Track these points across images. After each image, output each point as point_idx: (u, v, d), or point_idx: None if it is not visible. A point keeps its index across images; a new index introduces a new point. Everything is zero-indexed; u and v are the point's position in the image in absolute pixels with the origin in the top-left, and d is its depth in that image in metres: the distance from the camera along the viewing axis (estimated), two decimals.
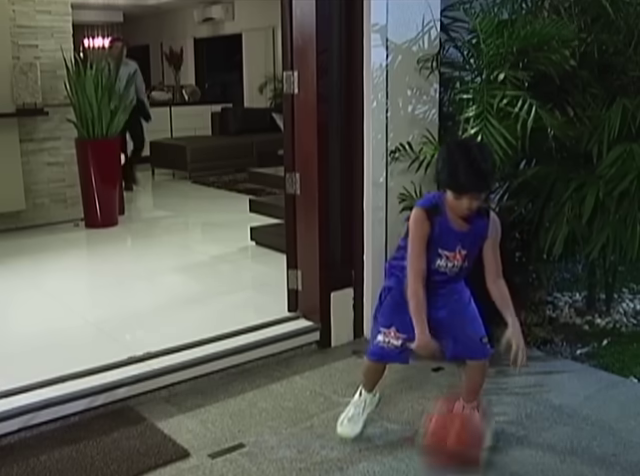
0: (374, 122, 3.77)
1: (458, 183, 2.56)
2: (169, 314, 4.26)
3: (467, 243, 2.68)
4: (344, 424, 2.95)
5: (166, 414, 3.16)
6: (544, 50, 3.58)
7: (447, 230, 2.65)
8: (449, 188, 2.60)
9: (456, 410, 2.85)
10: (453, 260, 2.69)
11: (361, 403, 2.99)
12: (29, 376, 3.24)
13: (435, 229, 2.64)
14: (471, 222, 2.66)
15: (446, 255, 2.68)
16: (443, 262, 2.69)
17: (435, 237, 2.65)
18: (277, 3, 3.86)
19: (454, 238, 2.66)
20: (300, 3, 3.68)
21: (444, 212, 2.65)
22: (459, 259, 2.69)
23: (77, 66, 6.56)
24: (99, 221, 6.68)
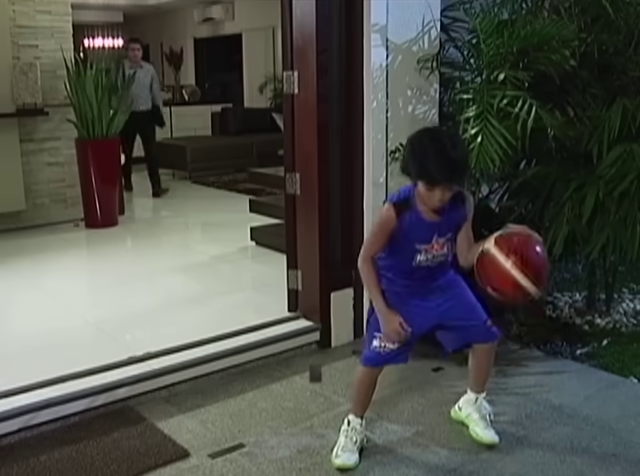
0: (374, 122, 3.77)
1: (429, 174, 2.49)
2: (169, 314, 4.26)
3: (443, 230, 2.65)
4: (340, 455, 2.77)
5: (166, 414, 3.17)
6: (544, 50, 3.58)
7: (418, 223, 2.61)
8: (419, 179, 2.54)
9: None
10: (432, 251, 2.66)
11: (352, 432, 2.84)
12: (29, 376, 3.24)
13: (404, 224, 2.60)
14: (444, 211, 2.62)
15: (424, 248, 2.64)
16: (423, 256, 2.66)
17: (406, 231, 2.61)
18: (277, 3, 3.86)
19: (427, 229, 2.63)
20: (300, 3, 3.68)
21: (414, 205, 2.60)
22: (438, 248, 2.66)
23: (77, 66, 6.57)
24: (99, 221, 6.68)
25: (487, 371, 2.96)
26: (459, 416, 3.03)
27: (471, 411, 2.96)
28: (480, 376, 2.96)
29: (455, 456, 2.83)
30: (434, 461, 2.80)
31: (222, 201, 8.40)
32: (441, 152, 2.48)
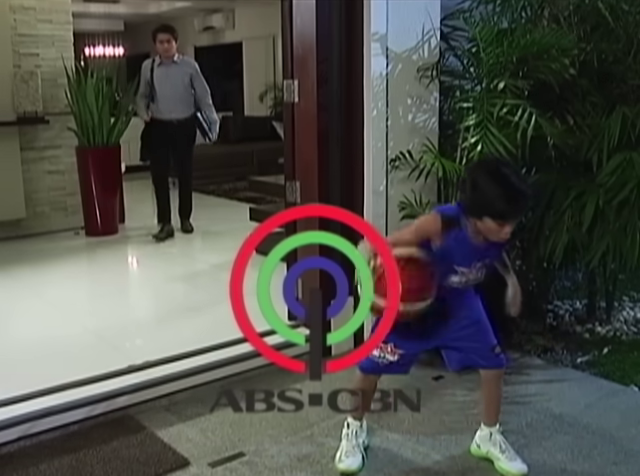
0: (374, 130, 3.77)
1: (503, 211, 2.42)
2: (169, 322, 4.26)
3: (487, 258, 2.60)
4: (343, 460, 2.80)
5: (166, 423, 3.16)
6: (544, 59, 3.59)
7: (464, 243, 2.52)
8: (489, 217, 2.44)
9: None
10: (468, 275, 2.60)
11: (352, 434, 2.86)
12: (29, 384, 3.24)
13: (449, 241, 2.51)
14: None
15: (462, 271, 2.58)
16: (457, 278, 2.59)
17: (446, 249, 2.52)
18: (277, 12, 3.88)
19: (472, 253, 2.55)
20: (300, 12, 3.70)
21: (463, 227, 2.52)
22: (474, 273, 2.60)
23: (78, 75, 6.58)
24: (99, 229, 6.69)
25: (497, 402, 2.86)
26: (480, 453, 2.88)
27: (490, 447, 2.85)
28: (490, 407, 2.86)
29: (455, 465, 2.83)
30: (435, 470, 2.80)
31: (222, 209, 8.40)
32: (513, 188, 2.43)
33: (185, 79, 6.38)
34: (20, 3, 6.52)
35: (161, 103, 6.36)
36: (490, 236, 2.50)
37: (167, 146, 6.46)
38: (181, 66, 6.42)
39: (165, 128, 6.36)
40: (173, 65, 6.38)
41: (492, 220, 2.43)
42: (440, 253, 2.53)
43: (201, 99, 6.49)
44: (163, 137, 6.36)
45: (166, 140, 6.39)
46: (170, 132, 6.36)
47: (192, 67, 6.47)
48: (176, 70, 6.38)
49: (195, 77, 6.43)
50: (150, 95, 6.38)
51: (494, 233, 2.47)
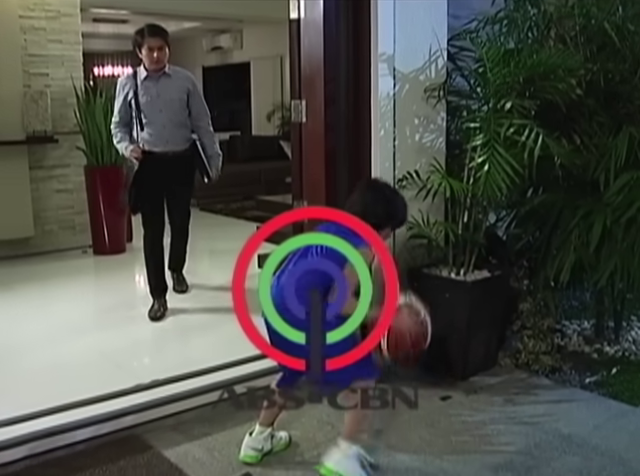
0: (382, 150, 3.79)
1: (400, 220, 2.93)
2: (177, 341, 4.26)
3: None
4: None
5: (173, 442, 3.15)
6: (550, 79, 3.61)
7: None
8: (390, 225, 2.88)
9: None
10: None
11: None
12: (36, 403, 3.23)
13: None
14: None
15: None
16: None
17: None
18: (285, 32, 3.91)
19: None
20: (308, 33, 3.73)
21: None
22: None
23: (87, 94, 6.63)
24: (107, 248, 6.71)
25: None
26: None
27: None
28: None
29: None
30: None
31: (230, 228, 8.41)
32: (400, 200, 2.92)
33: (182, 96, 4.75)
34: (31, 24, 6.58)
35: (152, 130, 4.68)
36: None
37: (161, 190, 4.79)
38: (175, 80, 4.76)
39: (157, 165, 4.66)
40: (165, 79, 4.71)
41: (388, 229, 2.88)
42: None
43: (198, 124, 4.87)
44: (155, 178, 4.66)
45: (160, 182, 4.72)
46: (165, 170, 4.69)
47: (189, 80, 4.85)
48: (169, 85, 4.72)
49: (192, 94, 4.81)
50: (136, 121, 4.69)
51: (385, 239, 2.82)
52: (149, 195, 4.67)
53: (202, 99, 4.94)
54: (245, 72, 12.79)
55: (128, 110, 4.72)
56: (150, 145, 4.69)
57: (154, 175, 4.65)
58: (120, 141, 4.76)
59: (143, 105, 4.68)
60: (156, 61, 4.64)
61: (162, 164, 4.70)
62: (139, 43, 4.66)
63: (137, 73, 4.75)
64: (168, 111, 4.71)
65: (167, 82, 4.73)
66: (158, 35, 4.67)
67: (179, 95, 4.75)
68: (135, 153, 4.65)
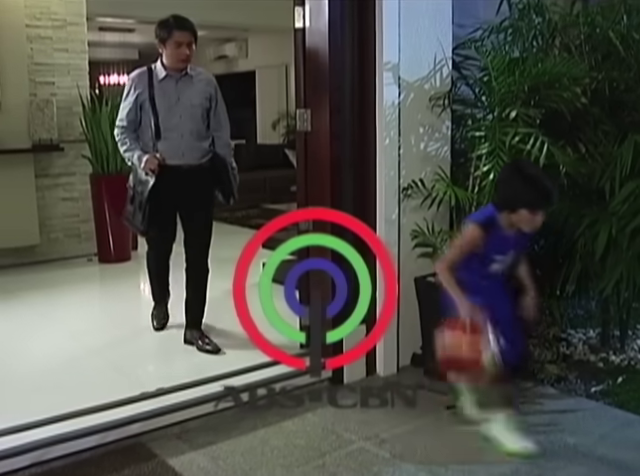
0: (387, 159, 3.79)
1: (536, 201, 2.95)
2: (181, 350, 4.26)
3: (519, 246, 3.11)
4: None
5: (178, 451, 3.15)
6: (555, 88, 3.62)
7: (502, 239, 3.03)
8: (524, 208, 2.93)
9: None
10: (504, 262, 3.09)
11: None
12: (41, 411, 3.23)
13: (490, 240, 3.00)
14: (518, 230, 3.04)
15: (500, 259, 3.07)
16: (497, 265, 3.09)
17: (490, 247, 3.02)
18: (290, 41, 3.91)
19: (508, 244, 3.05)
20: (313, 42, 3.74)
21: (498, 224, 3.01)
22: (508, 260, 3.10)
23: (93, 103, 6.65)
24: (112, 256, 6.71)
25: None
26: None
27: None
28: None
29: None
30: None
31: (234, 237, 8.35)
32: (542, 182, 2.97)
33: (204, 102, 4.12)
34: (37, 33, 6.60)
35: (167, 140, 4.05)
36: (524, 226, 2.99)
37: (171, 208, 4.21)
38: (197, 82, 4.13)
39: (172, 180, 4.05)
40: (186, 80, 4.09)
41: (527, 211, 2.93)
42: (484, 251, 3.03)
43: (218, 135, 4.24)
44: (169, 194, 4.09)
45: (171, 200, 4.14)
46: (179, 186, 4.10)
47: (212, 84, 4.19)
48: (191, 88, 4.10)
49: (215, 100, 4.19)
50: (152, 127, 4.04)
51: (528, 222, 2.97)
52: (160, 214, 4.11)
53: (224, 107, 4.28)
54: (250, 81, 12.83)
55: (138, 114, 4.08)
56: (165, 156, 4.03)
57: (166, 192, 4.05)
58: (129, 149, 4.07)
59: (159, 108, 4.03)
60: (184, 59, 4.02)
61: (175, 180, 4.05)
62: (164, 37, 4.01)
63: (152, 71, 4.09)
64: (188, 118, 4.06)
65: (188, 84, 4.09)
66: (188, 29, 4.03)
67: (201, 101, 4.12)
68: (152, 165, 3.96)
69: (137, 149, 4.06)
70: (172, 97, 4.06)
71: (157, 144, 4.05)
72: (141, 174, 4.05)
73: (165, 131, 4.04)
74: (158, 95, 4.03)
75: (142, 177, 4.05)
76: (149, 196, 4.01)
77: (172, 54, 4.01)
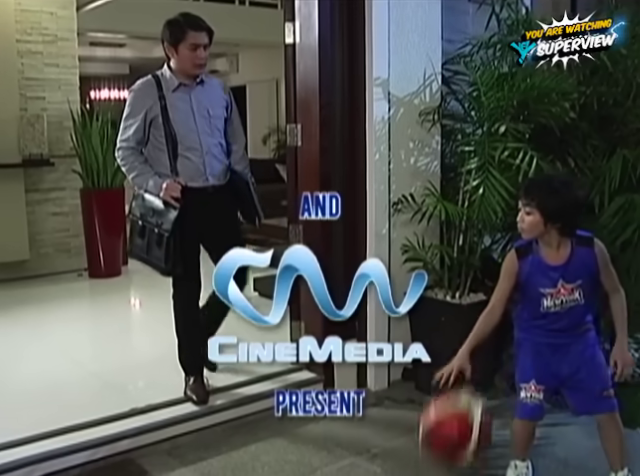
0: (377, 174, 3.80)
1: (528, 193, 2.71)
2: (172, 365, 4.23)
3: (570, 276, 2.65)
4: None
5: (168, 467, 3.13)
6: (544, 103, 3.63)
7: (541, 266, 2.66)
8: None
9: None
10: (560, 296, 2.66)
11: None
12: (30, 427, 3.22)
13: (526, 268, 2.68)
14: (570, 253, 2.66)
15: (549, 293, 2.67)
16: (550, 302, 2.68)
17: (527, 277, 2.69)
18: (281, 56, 3.93)
19: (551, 273, 2.66)
20: (304, 57, 3.76)
21: (536, 250, 2.68)
22: (565, 293, 2.66)
23: (83, 118, 6.65)
24: (103, 271, 6.69)
25: (615, 445, 2.84)
26: None
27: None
28: (610, 452, 2.85)
29: None
30: None
31: None
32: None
33: (223, 112, 3.66)
34: (28, 48, 6.61)
35: (187, 159, 3.51)
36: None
37: (198, 240, 3.58)
38: (210, 90, 3.64)
39: (195, 206, 3.47)
40: (200, 88, 3.58)
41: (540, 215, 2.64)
42: (524, 282, 2.69)
43: (235, 148, 3.73)
44: (193, 223, 3.48)
45: (198, 228, 3.54)
46: (204, 213, 3.55)
47: (225, 89, 3.79)
48: (207, 97, 3.59)
49: (230, 108, 3.74)
50: (168, 146, 3.48)
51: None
52: (183, 248, 3.45)
53: (238, 115, 3.83)
54: (241, 95, 12.84)
55: (147, 132, 3.50)
56: (185, 179, 3.47)
57: (190, 220, 3.44)
58: (141, 174, 3.48)
59: (177, 124, 3.47)
60: (201, 64, 3.51)
61: (199, 205, 3.48)
62: (176, 39, 3.46)
63: (160, 80, 3.53)
64: (209, 132, 3.55)
65: (203, 93, 3.57)
66: (204, 29, 3.49)
67: (220, 110, 3.63)
68: (175, 192, 3.39)
69: (149, 173, 3.47)
70: (186, 109, 3.50)
71: (176, 166, 3.49)
72: (153, 201, 3.43)
73: (184, 150, 3.48)
74: (172, 108, 3.47)
75: (156, 205, 3.42)
76: (173, 228, 3.37)
77: (187, 59, 3.46)
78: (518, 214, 2.73)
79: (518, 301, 2.77)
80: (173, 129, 3.46)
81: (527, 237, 2.71)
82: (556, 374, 2.77)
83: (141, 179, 3.47)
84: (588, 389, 2.75)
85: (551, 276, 2.65)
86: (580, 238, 2.67)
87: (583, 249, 2.66)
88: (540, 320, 2.72)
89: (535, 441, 3.29)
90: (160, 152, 3.49)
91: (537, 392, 2.76)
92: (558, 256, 2.66)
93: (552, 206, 2.60)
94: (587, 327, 2.77)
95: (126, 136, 3.49)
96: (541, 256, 2.67)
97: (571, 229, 2.66)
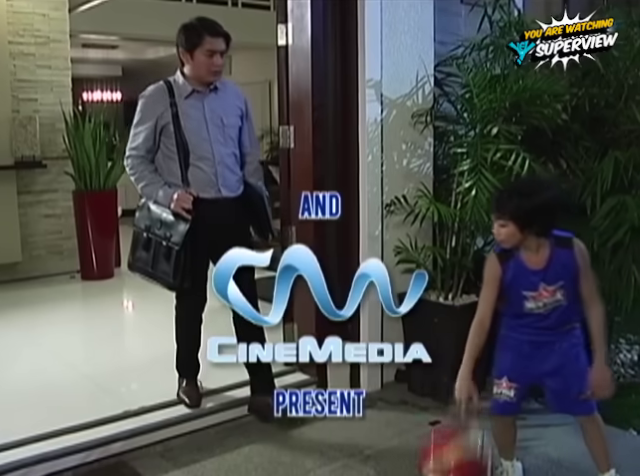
0: (369, 176, 3.81)
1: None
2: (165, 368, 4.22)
3: (551, 278, 2.63)
4: None
5: (161, 469, 3.12)
6: (536, 104, 3.64)
7: (522, 271, 2.65)
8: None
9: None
10: (541, 298, 2.65)
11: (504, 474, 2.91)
12: (23, 430, 3.21)
13: (509, 273, 2.66)
14: (550, 255, 2.63)
15: (532, 296, 2.65)
16: (532, 304, 2.66)
17: (510, 281, 2.67)
18: (273, 58, 3.94)
19: (532, 277, 2.64)
20: (296, 59, 3.76)
21: (517, 254, 2.66)
22: (547, 295, 2.64)
23: (76, 119, 6.64)
24: (95, 273, 6.68)
25: (599, 447, 2.82)
26: None
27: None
28: (595, 454, 2.84)
29: None
30: None
31: None
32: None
33: (237, 121, 3.53)
34: (20, 49, 6.60)
35: (199, 169, 3.39)
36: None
37: (207, 254, 3.31)
38: (225, 97, 3.50)
39: (206, 218, 3.33)
40: (214, 96, 3.45)
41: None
42: (508, 286, 2.68)
43: (249, 159, 3.63)
44: (204, 236, 3.34)
45: (208, 242, 3.31)
46: (215, 225, 3.37)
47: (241, 98, 3.61)
48: (221, 104, 3.46)
49: (246, 117, 3.60)
50: (179, 155, 3.36)
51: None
52: (192, 262, 3.31)
53: (253, 124, 3.71)
54: None
55: (157, 140, 3.39)
56: (196, 190, 3.35)
57: (201, 233, 3.32)
58: (150, 184, 3.36)
59: (189, 133, 3.35)
60: (218, 71, 3.39)
61: (210, 217, 3.31)
62: (192, 44, 3.34)
63: (172, 86, 3.40)
64: (222, 141, 3.42)
65: (217, 100, 3.44)
66: (222, 34, 3.38)
67: (234, 119, 3.49)
68: (186, 203, 3.27)
69: (160, 184, 3.35)
70: (199, 117, 3.38)
71: (187, 176, 3.36)
72: (160, 213, 3.33)
73: (195, 159, 3.36)
74: (184, 115, 3.34)
75: (163, 217, 3.31)
76: (184, 242, 3.26)
77: (202, 65, 3.33)
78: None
79: (503, 301, 2.74)
80: (184, 137, 3.34)
81: (507, 246, 2.67)
82: (536, 372, 2.73)
83: (150, 189, 3.35)
84: (567, 389, 2.73)
85: (532, 280, 2.64)
86: (559, 239, 2.65)
87: (562, 250, 2.64)
88: (525, 319, 2.70)
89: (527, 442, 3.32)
90: (171, 161, 3.38)
91: (508, 389, 2.74)
92: (538, 259, 2.64)
93: (524, 214, 2.58)
94: (573, 325, 2.75)
95: (135, 144, 3.39)
96: (522, 260, 2.65)
97: (547, 230, 2.64)
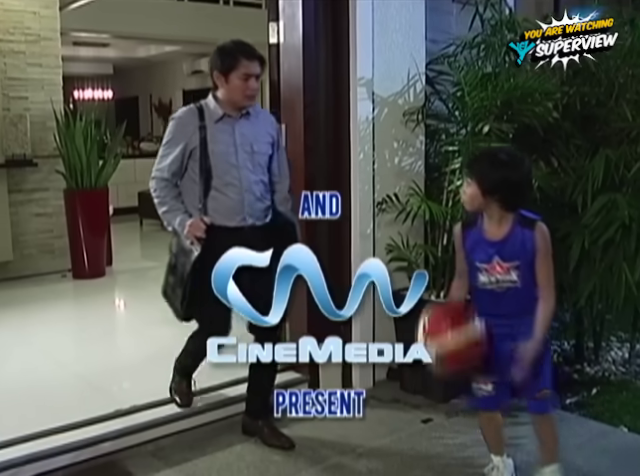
0: (361, 174, 3.81)
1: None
2: (156, 367, 4.22)
3: (506, 253, 2.61)
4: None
5: (153, 468, 3.12)
6: (527, 102, 3.65)
7: (480, 240, 2.67)
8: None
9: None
10: (494, 273, 2.62)
11: (495, 471, 2.90)
12: (14, 430, 3.20)
13: (468, 241, 2.71)
14: (509, 230, 2.62)
15: (485, 268, 2.64)
16: (485, 277, 2.64)
17: (469, 249, 2.70)
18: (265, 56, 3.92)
19: (488, 248, 2.64)
20: (288, 57, 3.76)
21: (480, 223, 2.68)
22: (501, 271, 2.62)
23: (67, 118, 6.62)
24: (86, 272, 6.66)
25: (546, 443, 2.85)
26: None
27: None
28: (541, 448, 2.88)
29: None
30: None
31: None
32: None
33: (268, 149, 3.34)
34: (10, 47, 6.58)
35: (225, 196, 3.23)
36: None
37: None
38: (257, 123, 3.33)
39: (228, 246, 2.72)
40: (245, 121, 3.29)
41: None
42: (468, 254, 2.71)
43: (279, 187, 3.42)
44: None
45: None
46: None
47: (273, 125, 3.43)
48: (253, 130, 3.30)
49: (277, 144, 3.41)
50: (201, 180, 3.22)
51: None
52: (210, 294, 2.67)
53: (285, 153, 3.49)
54: None
55: (185, 163, 3.25)
56: (220, 217, 3.20)
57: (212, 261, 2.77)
58: (171, 211, 3.23)
59: (216, 157, 3.20)
60: (253, 95, 3.23)
61: (234, 245, 2.73)
62: (228, 67, 3.20)
63: (204, 110, 3.28)
64: (249, 168, 3.24)
65: (248, 126, 3.28)
66: (257, 57, 3.24)
67: (265, 146, 3.31)
68: (198, 231, 3.12)
69: (179, 210, 3.23)
70: (231, 141, 3.23)
71: (206, 202, 3.22)
72: (185, 240, 3.19)
73: (221, 185, 3.21)
74: (213, 139, 3.21)
75: (187, 244, 3.18)
76: (192, 270, 3.13)
77: (237, 88, 3.19)
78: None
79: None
80: (209, 162, 3.20)
81: (468, 208, 2.72)
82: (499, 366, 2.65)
83: (170, 216, 3.23)
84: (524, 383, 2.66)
85: (488, 251, 2.64)
86: (524, 218, 2.64)
87: (524, 229, 2.62)
88: (480, 297, 2.68)
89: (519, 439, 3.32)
90: (195, 184, 3.25)
91: (485, 384, 2.74)
92: (498, 231, 2.63)
93: (489, 179, 2.59)
94: (530, 318, 2.62)
95: (162, 166, 3.26)
96: (482, 230, 2.67)
97: (510, 204, 2.63)
